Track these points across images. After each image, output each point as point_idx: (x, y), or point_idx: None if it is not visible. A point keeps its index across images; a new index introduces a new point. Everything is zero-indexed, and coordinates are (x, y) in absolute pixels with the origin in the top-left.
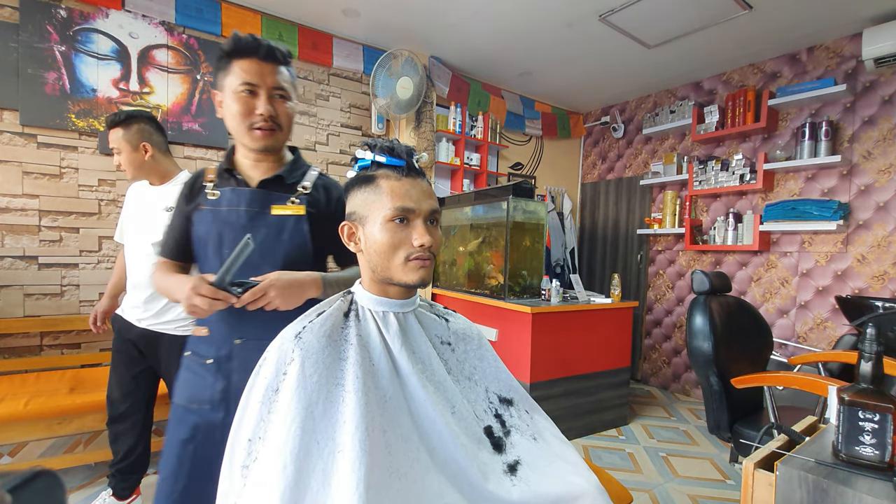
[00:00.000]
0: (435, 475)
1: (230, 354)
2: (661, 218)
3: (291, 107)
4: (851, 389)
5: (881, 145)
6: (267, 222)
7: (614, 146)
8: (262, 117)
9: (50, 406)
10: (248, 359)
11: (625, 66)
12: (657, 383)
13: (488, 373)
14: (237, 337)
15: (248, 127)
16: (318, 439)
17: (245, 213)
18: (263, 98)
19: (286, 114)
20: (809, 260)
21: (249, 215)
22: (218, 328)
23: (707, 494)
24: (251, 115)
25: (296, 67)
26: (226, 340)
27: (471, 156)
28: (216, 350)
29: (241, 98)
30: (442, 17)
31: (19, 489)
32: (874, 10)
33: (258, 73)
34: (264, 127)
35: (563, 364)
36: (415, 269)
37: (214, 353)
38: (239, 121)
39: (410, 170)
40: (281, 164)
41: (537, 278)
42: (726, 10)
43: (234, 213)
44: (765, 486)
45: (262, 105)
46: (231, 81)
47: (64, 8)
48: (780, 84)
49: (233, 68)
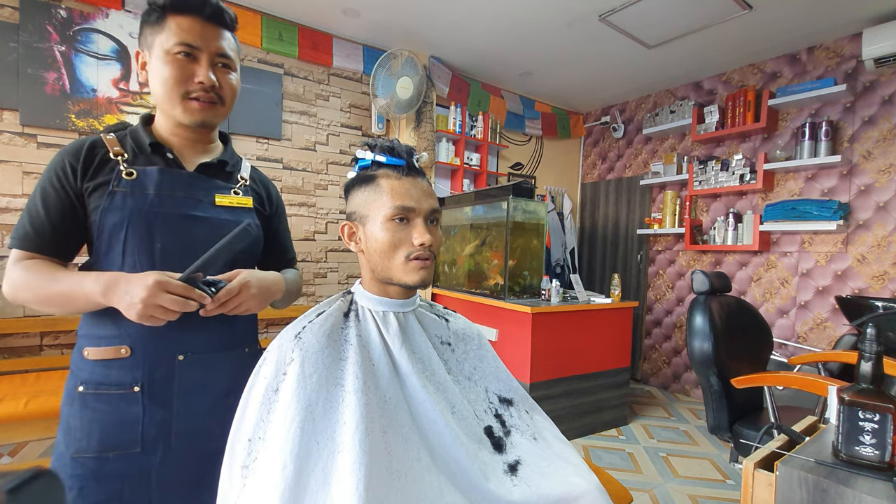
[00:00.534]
0: (435, 475)
1: (169, 375)
2: (661, 218)
3: (236, 79)
4: (851, 389)
5: (881, 145)
6: (211, 215)
7: (614, 146)
8: (203, 86)
9: (50, 406)
10: (193, 378)
11: (625, 66)
12: (657, 383)
13: (488, 373)
14: (180, 352)
15: (182, 96)
16: (318, 439)
17: (183, 202)
18: (205, 64)
19: (230, 86)
20: (809, 260)
21: (189, 204)
22: (148, 345)
23: (707, 494)
24: (188, 83)
25: (296, 67)
26: (162, 359)
27: (471, 156)
28: (146, 373)
29: (176, 61)
30: (442, 17)
31: (19, 489)
32: (874, 10)
33: (200, 34)
34: (203, 98)
35: (563, 364)
36: (415, 270)
37: (144, 377)
38: (171, 87)
39: (410, 169)
40: (215, 147)
41: (537, 278)
42: (726, 10)
43: (169, 201)
44: (765, 486)
45: (203, 72)
46: (164, 40)
47: (64, 8)
48: (780, 84)
49: (167, 24)
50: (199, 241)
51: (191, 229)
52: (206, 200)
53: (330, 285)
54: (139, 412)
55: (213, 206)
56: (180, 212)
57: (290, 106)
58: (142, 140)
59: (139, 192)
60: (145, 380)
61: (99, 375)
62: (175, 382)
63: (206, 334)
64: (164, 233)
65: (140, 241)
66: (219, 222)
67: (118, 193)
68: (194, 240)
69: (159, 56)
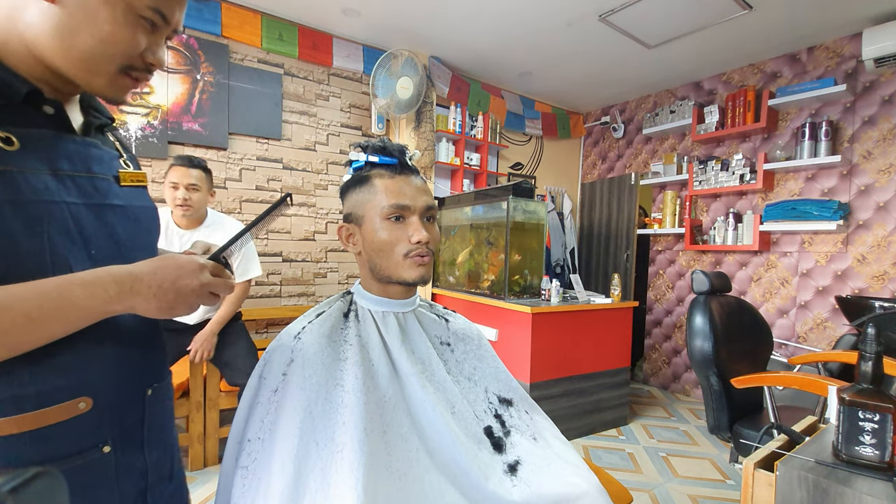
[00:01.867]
0: (435, 475)
1: (139, 419)
2: (661, 218)
3: None
4: (851, 389)
5: (881, 145)
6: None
7: (614, 146)
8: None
9: None
10: (158, 415)
11: (625, 66)
12: (657, 383)
13: (488, 373)
14: (148, 385)
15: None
16: (318, 440)
17: (93, 185)
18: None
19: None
20: (809, 260)
21: (101, 188)
22: (117, 385)
23: (707, 494)
24: (132, 56)
25: (296, 67)
26: (132, 398)
27: (471, 156)
28: (116, 423)
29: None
30: (442, 17)
31: (19, 489)
32: (874, 10)
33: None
34: (142, 78)
35: (563, 364)
36: (413, 266)
37: (115, 430)
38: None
39: (403, 167)
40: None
41: (537, 278)
42: (726, 10)
43: (77, 185)
44: (765, 486)
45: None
46: None
47: None
48: (780, 84)
49: None
50: (124, 241)
51: (114, 226)
52: (111, 179)
53: (330, 285)
54: (112, 480)
55: (120, 188)
56: (96, 200)
57: (290, 106)
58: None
59: (34, 174)
60: (117, 432)
61: (34, 453)
62: (145, 425)
63: (163, 351)
64: (92, 235)
65: (68, 250)
66: (133, 212)
67: (6, 175)
68: (121, 242)
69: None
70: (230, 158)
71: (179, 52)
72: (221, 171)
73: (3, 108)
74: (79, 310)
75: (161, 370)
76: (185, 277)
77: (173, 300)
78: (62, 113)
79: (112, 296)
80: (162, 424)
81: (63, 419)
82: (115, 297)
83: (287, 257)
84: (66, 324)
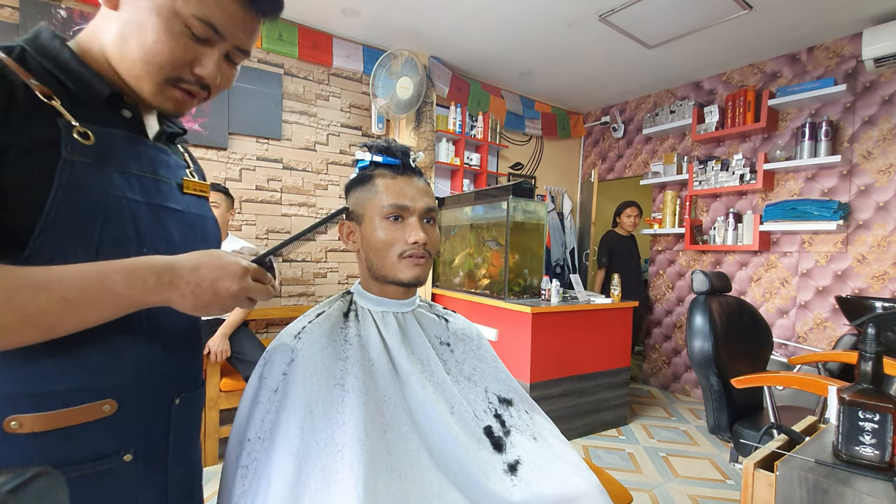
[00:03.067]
0: (435, 475)
1: (165, 428)
2: (661, 218)
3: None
4: (851, 389)
5: (881, 145)
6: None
7: (614, 146)
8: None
9: None
10: (185, 427)
11: (625, 66)
12: (657, 383)
13: (487, 373)
14: (176, 393)
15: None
16: (318, 439)
17: (156, 186)
18: (217, 54)
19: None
20: (809, 260)
21: (163, 190)
22: (144, 389)
23: (707, 494)
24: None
25: (296, 67)
26: (159, 406)
27: (471, 156)
28: (142, 431)
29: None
30: (442, 17)
31: (19, 489)
32: (874, 10)
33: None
34: (194, 92)
35: (563, 364)
36: (409, 267)
37: (139, 438)
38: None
39: (406, 168)
40: None
41: (537, 278)
42: (726, 10)
43: (142, 184)
44: (765, 486)
45: (213, 63)
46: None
47: (64, 8)
48: (780, 84)
49: None
50: (177, 245)
51: (169, 228)
52: (174, 185)
53: (330, 285)
54: (131, 493)
55: (181, 194)
56: (157, 202)
57: (290, 106)
58: (84, 80)
59: (102, 168)
60: (140, 441)
61: (56, 452)
62: (171, 436)
63: (197, 360)
64: (147, 233)
65: (120, 244)
66: (189, 218)
67: (78, 165)
68: (174, 244)
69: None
70: (230, 158)
71: None
72: (221, 171)
73: (86, 107)
74: (116, 297)
75: (194, 378)
76: (226, 279)
77: (210, 300)
78: (138, 117)
79: (151, 287)
80: (189, 438)
81: (87, 420)
82: (152, 289)
83: (287, 257)
84: (103, 310)
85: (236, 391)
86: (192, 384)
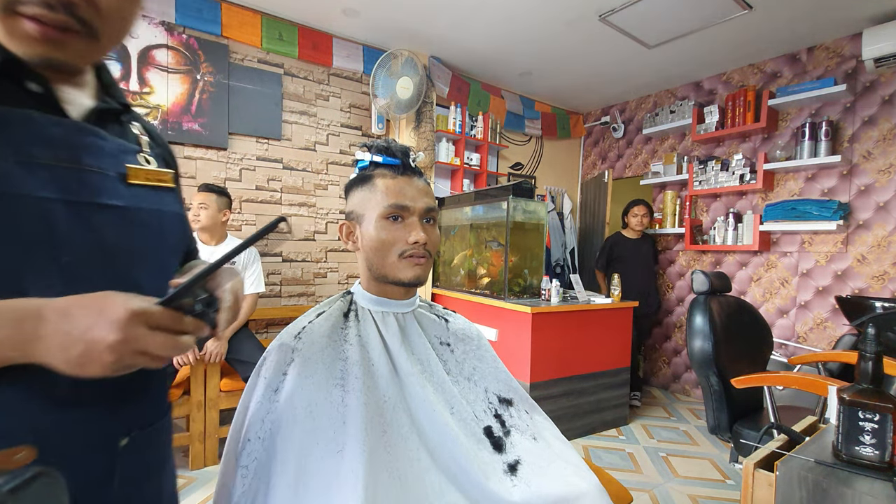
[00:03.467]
0: (435, 475)
1: (108, 473)
2: (661, 218)
3: None
4: (851, 389)
5: (881, 145)
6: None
7: (614, 146)
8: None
9: None
10: (136, 468)
11: (625, 66)
12: (657, 383)
13: (487, 373)
14: (122, 433)
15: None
16: (318, 439)
17: (84, 177)
18: None
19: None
20: (809, 260)
21: (94, 183)
22: (73, 431)
23: (707, 494)
24: None
25: (296, 67)
26: (97, 450)
27: (471, 156)
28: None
29: None
30: (442, 17)
31: (19, 489)
32: (874, 10)
33: None
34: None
35: (563, 364)
36: (409, 267)
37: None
38: None
39: (406, 168)
40: (88, 77)
41: (537, 278)
42: (726, 10)
43: (61, 176)
44: (765, 486)
45: None
46: None
47: None
48: (780, 84)
49: None
50: (114, 249)
51: (102, 231)
52: (113, 175)
53: (330, 285)
54: None
55: (125, 186)
56: (81, 198)
57: (290, 106)
58: None
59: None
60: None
61: None
62: (115, 481)
63: (154, 393)
64: (66, 241)
65: (31, 255)
66: (138, 216)
67: None
68: (110, 250)
69: None
70: (230, 158)
71: (179, 51)
72: (221, 171)
73: None
74: None
75: (152, 408)
76: (101, 328)
77: (80, 356)
78: (49, 92)
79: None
80: (146, 482)
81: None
82: (7, 343)
83: (287, 257)
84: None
85: (236, 391)
86: (149, 416)
